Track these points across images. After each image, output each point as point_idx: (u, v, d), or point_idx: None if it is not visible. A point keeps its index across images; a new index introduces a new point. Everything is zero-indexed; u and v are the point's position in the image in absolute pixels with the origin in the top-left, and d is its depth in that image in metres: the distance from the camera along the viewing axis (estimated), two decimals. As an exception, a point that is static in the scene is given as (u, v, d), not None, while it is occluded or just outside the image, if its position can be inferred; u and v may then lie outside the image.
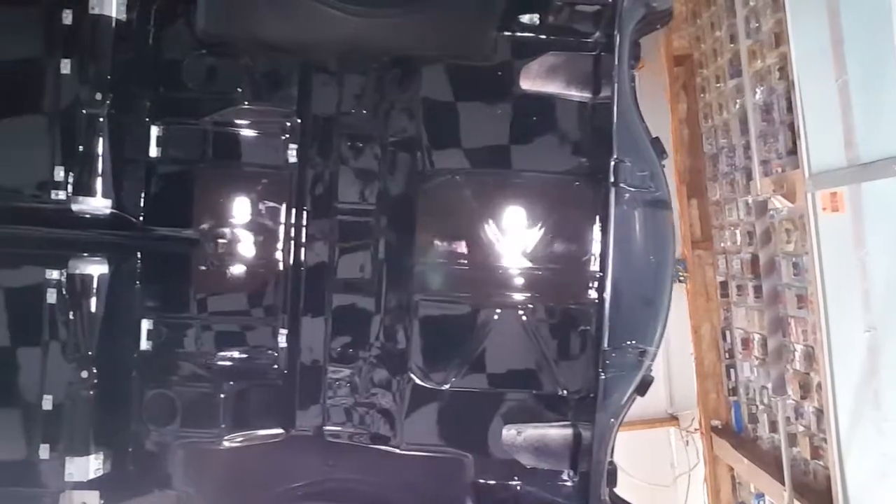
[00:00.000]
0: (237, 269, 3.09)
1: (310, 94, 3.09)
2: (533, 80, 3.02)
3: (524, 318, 2.87)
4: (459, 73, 3.08)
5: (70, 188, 2.83)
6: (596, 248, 2.83)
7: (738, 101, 5.15)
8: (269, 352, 3.09)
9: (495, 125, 3.03)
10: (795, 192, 4.10)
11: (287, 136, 3.08)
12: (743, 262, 5.22)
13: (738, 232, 5.31)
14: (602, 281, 2.73)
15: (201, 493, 3.12)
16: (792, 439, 4.57)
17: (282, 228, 3.09)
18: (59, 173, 2.83)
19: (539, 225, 2.87)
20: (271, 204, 3.09)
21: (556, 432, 2.97)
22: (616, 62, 2.72)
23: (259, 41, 3.06)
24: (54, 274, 2.85)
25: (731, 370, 5.68)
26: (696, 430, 5.86)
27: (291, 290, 3.10)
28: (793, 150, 4.28)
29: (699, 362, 5.92)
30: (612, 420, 2.80)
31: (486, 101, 3.06)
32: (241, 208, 3.08)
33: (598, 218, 2.81)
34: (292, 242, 3.09)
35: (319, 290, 3.10)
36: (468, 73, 3.08)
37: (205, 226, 3.03)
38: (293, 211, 3.09)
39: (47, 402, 2.84)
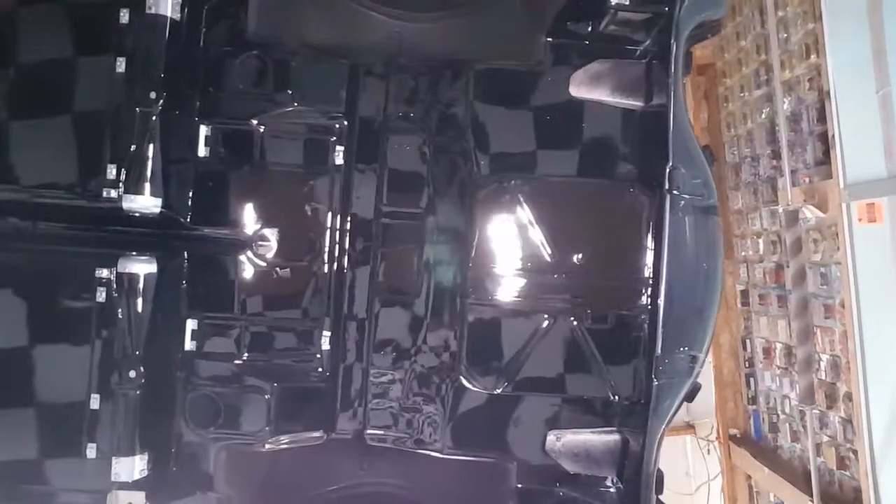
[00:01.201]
0: (282, 271, 3.08)
1: (358, 96, 3.09)
2: (583, 87, 3.02)
3: (575, 323, 2.86)
4: (509, 79, 3.09)
5: (122, 186, 2.81)
6: (649, 254, 2.83)
7: (763, 110, 5.18)
8: (312, 354, 3.08)
9: (545, 131, 3.04)
10: (827, 202, 4.12)
11: (334, 138, 3.08)
12: (766, 272, 5.24)
13: (760, 241, 5.32)
14: (656, 287, 2.73)
15: (241, 496, 3.10)
16: (817, 449, 4.58)
17: (327, 231, 3.08)
18: (112, 171, 2.82)
19: (592, 230, 2.88)
20: (317, 206, 3.09)
21: (604, 438, 2.97)
22: (672, 70, 2.73)
23: (308, 44, 3.06)
24: (104, 272, 2.83)
25: (751, 379, 5.69)
26: (715, 438, 5.86)
27: (335, 292, 3.09)
28: (822, 161, 4.30)
29: (718, 371, 5.93)
30: (664, 427, 2.80)
31: (535, 107, 3.07)
32: (287, 210, 3.08)
33: (651, 224, 2.82)
34: (337, 245, 3.09)
35: (363, 293, 3.09)
36: (517, 78, 3.09)
37: (250, 227, 3.03)
38: (339, 213, 3.09)
39: (95, 402, 2.82)
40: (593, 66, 3.04)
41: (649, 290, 2.81)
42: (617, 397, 2.85)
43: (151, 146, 2.82)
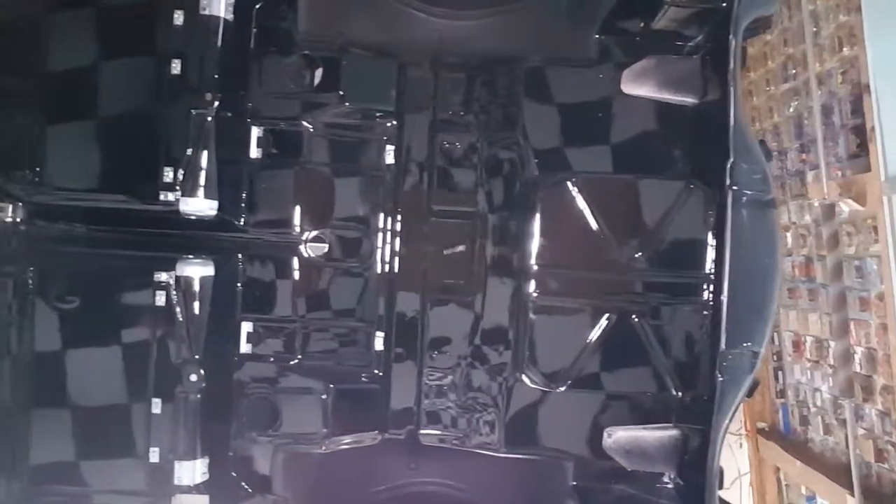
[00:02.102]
0: (335, 272, 3.07)
1: (407, 95, 3.08)
2: (635, 84, 3.01)
3: (637, 319, 2.86)
4: (559, 76, 3.08)
5: (178, 189, 2.80)
6: (711, 250, 2.82)
7: (791, 104, 5.18)
8: (366, 355, 3.07)
9: (599, 128, 3.03)
10: (866, 195, 4.12)
11: (384, 137, 3.07)
12: (795, 265, 5.24)
13: (789, 235, 5.33)
14: (719, 283, 2.73)
15: (297, 498, 3.10)
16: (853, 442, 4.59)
17: (379, 231, 3.07)
18: (168, 174, 2.80)
19: (652, 227, 2.87)
20: (368, 206, 3.09)
21: (663, 435, 2.97)
22: (732, 65, 2.72)
23: (357, 43, 3.05)
24: (162, 276, 2.82)
25: (779, 372, 5.69)
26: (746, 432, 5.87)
27: (388, 292, 3.08)
28: (856, 154, 4.31)
29: (744, 365, 5.91)
30: (727, 423, 2.80)
31: (588, 105, 3.06)
32: (338, 210, 3.07)
33: (713, 220, 2.82)
34: (389, 245, 3.08)
35: (417, 292, 3.08)
36: (568, 75, 3.08)
37: (303, 228, 3.01)
38: (390, 213, 3.08)
39: (156, 406, 2.81)
40: (645, 62, 3.03)
41: (711, 285, 2.81)
42: (680, 394, 2.84)
43: (208, 148, 2.81)
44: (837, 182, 4.43)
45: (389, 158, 3.07)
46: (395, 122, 3.07)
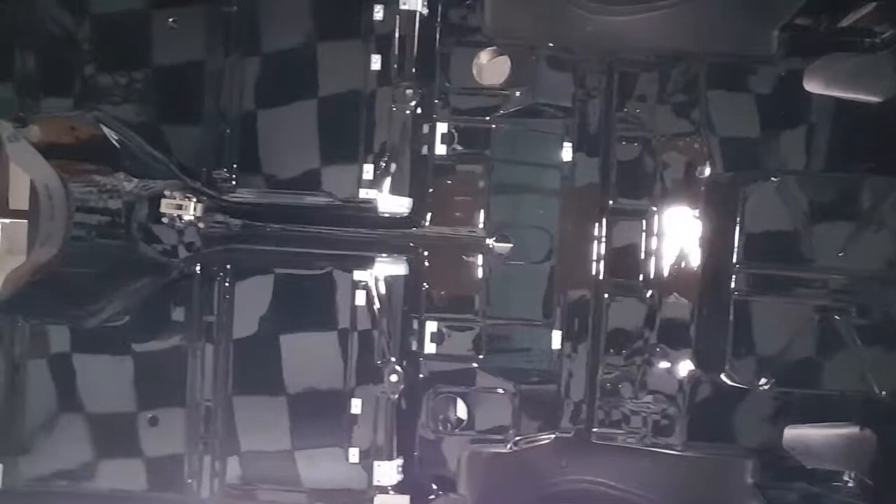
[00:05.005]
0: (515, 270, 3.04)
1: (584, 92, 3.05)
2: (820, 81, 2.99)
3: (838, 318, 2.83)
4: (739, 73, 3.04)
5: (375, 187, 2.76)
6: (917, 249, 2.80)
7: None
8: (545, 353, 3.05)
9: (788, 125, 2.99)
10: None
11: (563, 134, 3.04)
12: None
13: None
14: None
15: (477, 498, 3.08)
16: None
17: (558, 227, 3.05)
18: (368, 171, 2.76)
19: (856, 225, 2.83)
20: (548, 203, 3.06)
21: (855, 434, 2.95)
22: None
23: (541, 38, 3.03)
24: (362, 275, 2.79)
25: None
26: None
27: (567, 290, 3.06)
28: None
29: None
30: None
31: (775, 101, 3.01)
32: (520, 207, 3.04)
33: (917, 221, 2.79)
34: (568, 241, 3.05)
35: (595, 290, 3.06)
36: (749, 72, 3.04)
37: (486, 226, 2.99)
38: (569, 210, 3.05)
39: (356, 406, 2.79)
40: (829, 57, 2.99)
41: None
42: (882, 392, 2.82)
43: (406, 145, 2.78)
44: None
45: (567, 155, 3.05)
46: (573, 118, 3.04)
